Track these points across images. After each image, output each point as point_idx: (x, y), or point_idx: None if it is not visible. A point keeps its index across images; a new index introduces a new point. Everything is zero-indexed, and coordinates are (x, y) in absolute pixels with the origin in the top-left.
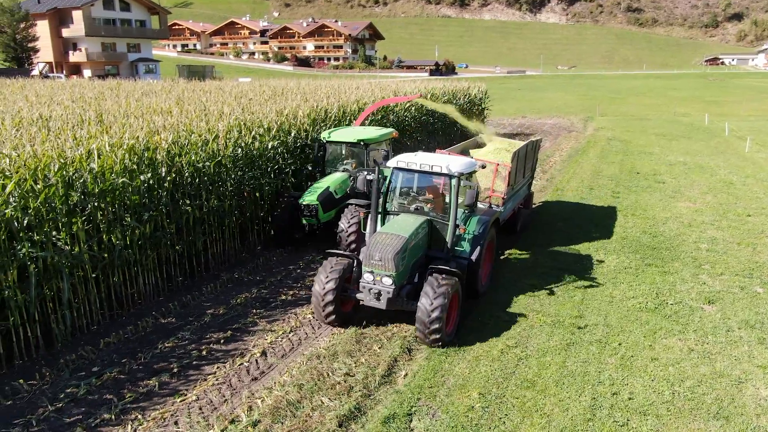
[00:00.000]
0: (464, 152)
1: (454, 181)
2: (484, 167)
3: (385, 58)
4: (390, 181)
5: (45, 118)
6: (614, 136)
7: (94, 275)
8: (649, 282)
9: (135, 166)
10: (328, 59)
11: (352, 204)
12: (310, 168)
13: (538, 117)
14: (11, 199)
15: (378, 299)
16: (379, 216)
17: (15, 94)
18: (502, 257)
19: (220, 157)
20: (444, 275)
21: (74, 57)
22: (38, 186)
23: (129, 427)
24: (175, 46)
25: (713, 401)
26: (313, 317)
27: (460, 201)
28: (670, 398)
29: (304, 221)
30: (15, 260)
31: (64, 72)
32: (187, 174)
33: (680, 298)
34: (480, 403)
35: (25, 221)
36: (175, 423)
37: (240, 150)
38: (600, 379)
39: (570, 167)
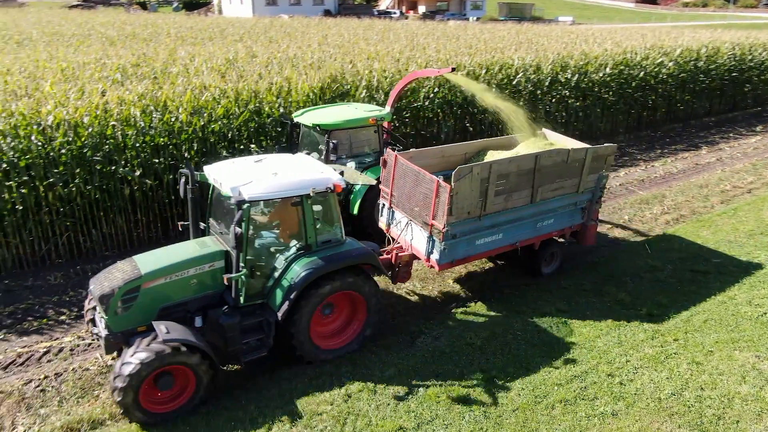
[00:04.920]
0: (482, 152)
1: (243, 209)
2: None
3: None
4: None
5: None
6: None
7: None
8: None
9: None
10: None
11: None
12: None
13: None
14: None
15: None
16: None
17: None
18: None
19: None
20: (168, 339)
21: None
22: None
23: None
24: None
25: None
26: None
27: (274, 236)
28: None
29: None
30: None
31: (402, 8)
32: None
33: None
34: None
35: None
36: None
37: None
38: None
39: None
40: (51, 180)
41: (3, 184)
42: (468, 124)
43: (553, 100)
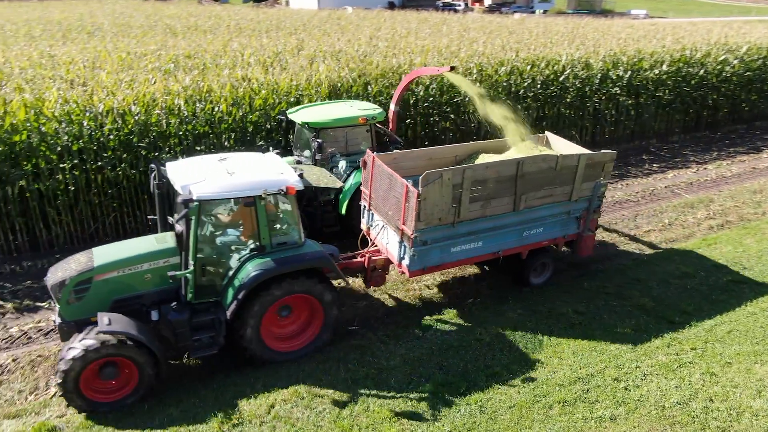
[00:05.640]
0: (474, 155)
1: (190, 208)
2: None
3: None
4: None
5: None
6: None
7: None
8: None
9: None
10: None
11: None
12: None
13: None
14: None
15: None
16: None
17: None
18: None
19: None
20: (107, 331)
21: None
22: None
23: None
24: None
25: None
26: None
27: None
28: None
29: None
30: None
31: (467, 1)
32: None
33: None
34: None
35: None
36: None
37: None
38: None
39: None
40: (100, 164)
41: (57, 167)
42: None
43: (603, 98)
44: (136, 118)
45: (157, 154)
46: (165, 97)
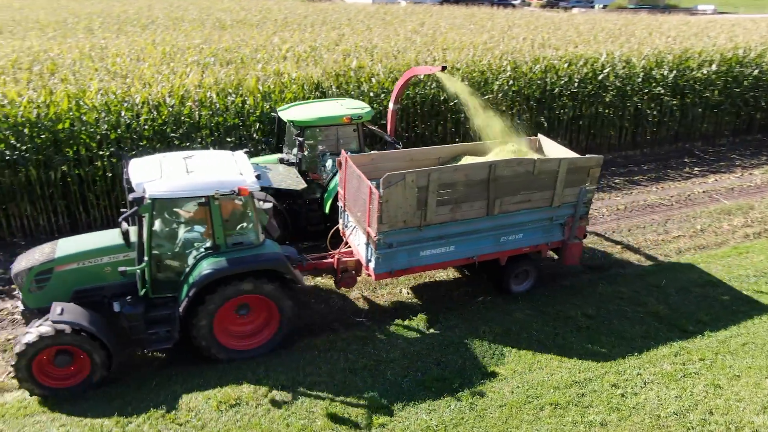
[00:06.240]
0: (458, 156)
1: (139, 206)
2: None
3: None
4: None
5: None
6: None
7: None
8: None
9: None
10: None
11: None
12: None
13: None
14: None
15: None
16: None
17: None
18: None
19: None
20: (58, 320)
21: None
22: None
23: None
24: None
25: None
26: None
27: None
28: None
29: None
30: None
31: None
32: None
33: None
34: None
35: None
36: None
37: None
38: None
39: None
40: (134, 153)
41: (96, 154)
42: (542, 119)
43: (645, 98)
44: (170, 109)
45: (188, 144)
46: (198, 90)
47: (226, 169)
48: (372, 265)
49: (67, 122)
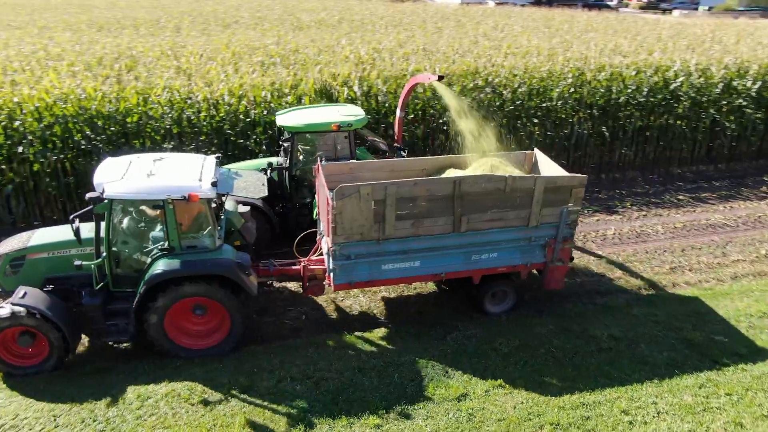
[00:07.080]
0: (444, 169)
1: (94, 206)
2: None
3: None
4: None
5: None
6: None
7: None
8: None
9: None
10: None
11: None
12: None
13: None
14: None
15: None
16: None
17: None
18: None
19: None
20: (17, 303)
21: None
22: None
23: None
24: None
25: None
26: None
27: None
28: None
29: None
30: None
31: None
32: None
33: None
34: None
35: None
36: None
37: None
38: None
39: None
40: (192, 147)
41: (161, 147)
42: (604, 129)
43: (724, 110)
44: (228, 107)
45: (243, 141)
46: (251, 89)
47: (184, 175)
48: (332, 275)
49: (135, 116)
